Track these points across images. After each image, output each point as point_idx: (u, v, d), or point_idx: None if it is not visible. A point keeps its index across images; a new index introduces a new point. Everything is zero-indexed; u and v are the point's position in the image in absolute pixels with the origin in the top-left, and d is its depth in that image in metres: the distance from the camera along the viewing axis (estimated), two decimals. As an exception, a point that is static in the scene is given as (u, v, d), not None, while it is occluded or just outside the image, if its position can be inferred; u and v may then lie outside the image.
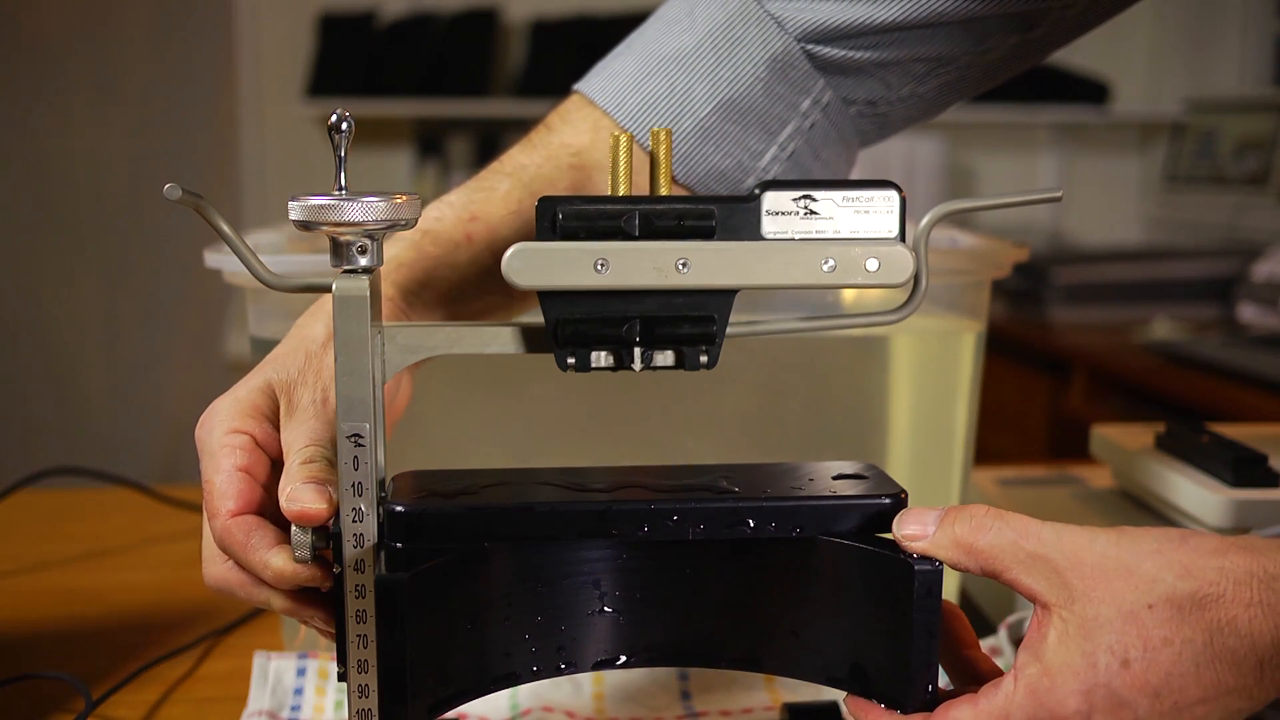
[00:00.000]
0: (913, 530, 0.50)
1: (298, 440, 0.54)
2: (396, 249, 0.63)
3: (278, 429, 0.55)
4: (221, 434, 0.54)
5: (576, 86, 0.71)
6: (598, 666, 0.55)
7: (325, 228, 0.49)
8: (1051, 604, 0.48)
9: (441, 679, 0.52)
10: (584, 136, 0.68)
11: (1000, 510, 0.49)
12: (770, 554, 0.54)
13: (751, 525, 0.52)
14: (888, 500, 0.52)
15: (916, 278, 0.51)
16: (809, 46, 0.68)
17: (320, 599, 0.53)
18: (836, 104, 0.71)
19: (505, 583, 0.54)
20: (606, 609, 0.55)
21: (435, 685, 0.52)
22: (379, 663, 0.49)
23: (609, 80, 0.70)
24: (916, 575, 0.49)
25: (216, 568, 0.54)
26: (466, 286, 0.64)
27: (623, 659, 0.55)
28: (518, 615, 0.54)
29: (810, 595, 0.53)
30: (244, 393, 0.56)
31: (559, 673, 0.54)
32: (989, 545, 0.49)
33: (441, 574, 0.51)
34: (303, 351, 0.57)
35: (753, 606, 0.55)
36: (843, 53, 0.68)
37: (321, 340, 0.57)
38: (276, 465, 0.55)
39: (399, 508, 0.50)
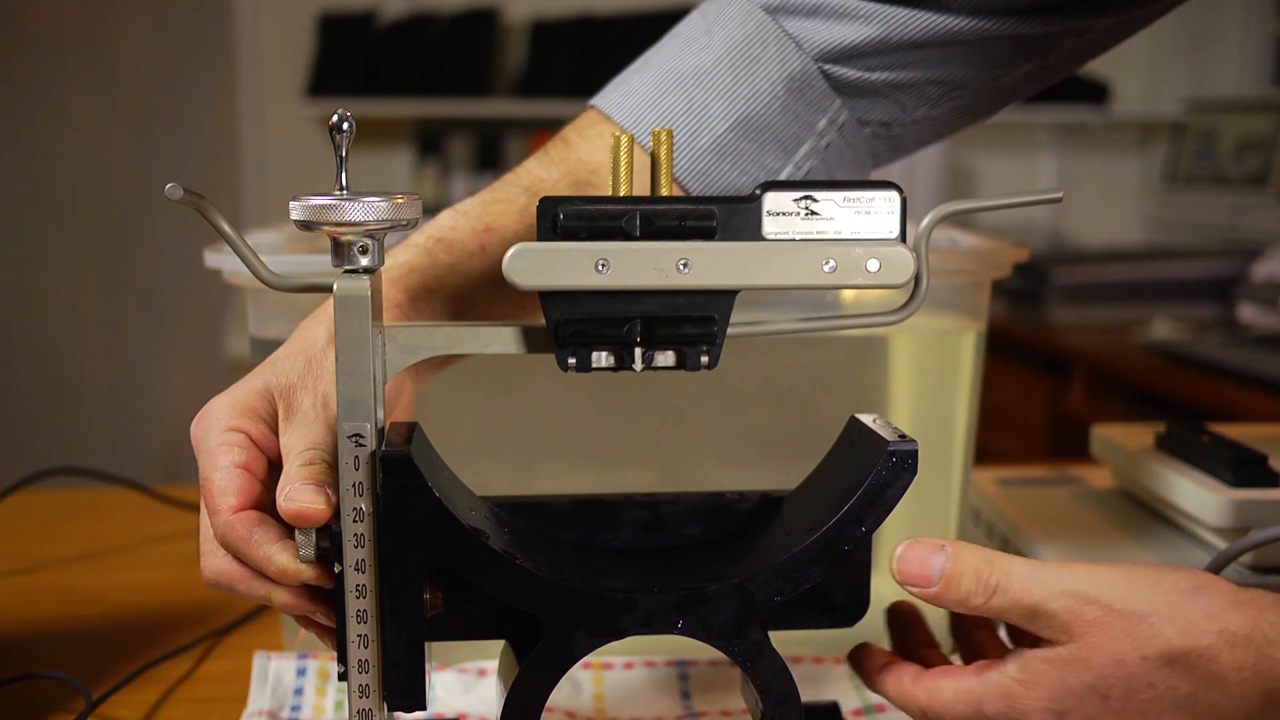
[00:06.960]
0: (914, 575, 0.51)
1: (297, 444, 0.53)
2: (407, 254, 0.63)
3: (274, 432, 0.55)
4: (218, 432, 0.54)
5: (593, 102, 0.71)
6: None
7: (327, 228, 0.49)
8: (1051, 640, 0.50)
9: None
10: (601, 154, 0.68)
11: (999, 564, 0.50)
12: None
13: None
14: None
15: (917, 278, 0.51)
16: (826, 66, 0.69)
17: (321, 595, 0.53)
18: (852, 124, 0.71)
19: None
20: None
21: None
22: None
23: (626, 97, 0.69)
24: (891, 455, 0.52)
25: (216, 560, 0.54)
26: (477, 296, 0.64)
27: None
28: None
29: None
30: (241, 394, 0.56)
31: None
32: (991, 608, 0.50)
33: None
34: (303, 356, 0.57)
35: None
36: (859, 74, 0.69)
37: (322, 344, 0.57)
38: (273, 467, 0.55)
39: (388, 450, 0.50)
